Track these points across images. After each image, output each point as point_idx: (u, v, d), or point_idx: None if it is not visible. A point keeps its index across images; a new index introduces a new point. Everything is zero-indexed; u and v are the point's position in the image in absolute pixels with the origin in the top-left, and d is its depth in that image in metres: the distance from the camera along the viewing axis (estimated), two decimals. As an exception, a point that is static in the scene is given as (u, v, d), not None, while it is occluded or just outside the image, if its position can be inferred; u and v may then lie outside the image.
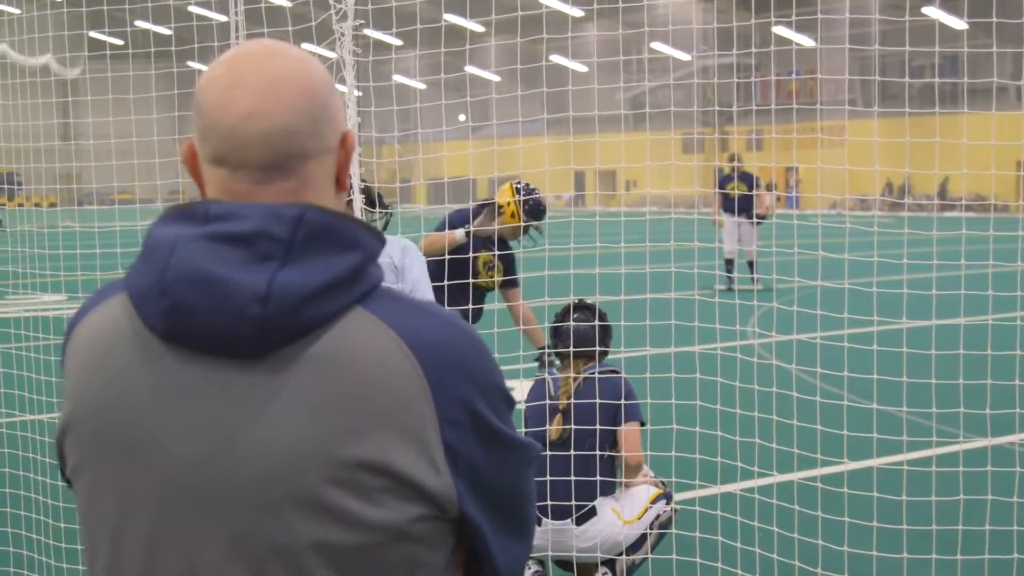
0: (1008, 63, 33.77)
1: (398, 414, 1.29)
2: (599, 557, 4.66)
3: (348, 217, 1.35)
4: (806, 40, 28.35)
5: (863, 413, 4.49)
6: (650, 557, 4.70)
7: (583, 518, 4.60)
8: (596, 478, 4.54)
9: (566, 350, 4.76)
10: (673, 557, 4.48)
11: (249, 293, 1.26)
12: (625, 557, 4.65)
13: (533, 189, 6.67)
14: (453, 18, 6.49)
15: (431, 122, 4.99)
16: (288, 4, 5.18)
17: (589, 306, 4.91)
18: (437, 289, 4.84)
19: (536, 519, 1.56)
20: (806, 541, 4.18)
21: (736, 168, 16.59)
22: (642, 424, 4.70)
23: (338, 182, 1.42)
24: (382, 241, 1.39)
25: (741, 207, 16.00)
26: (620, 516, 4.65)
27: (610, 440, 4.66)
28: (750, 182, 16.12)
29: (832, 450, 4.15)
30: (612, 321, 4.87)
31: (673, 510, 4.76)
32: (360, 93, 4.35)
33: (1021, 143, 12.29)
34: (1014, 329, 4.46)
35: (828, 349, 4.28)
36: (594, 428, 4.52)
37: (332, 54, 4.01)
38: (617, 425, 4.63)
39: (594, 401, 4.52)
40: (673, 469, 4.51)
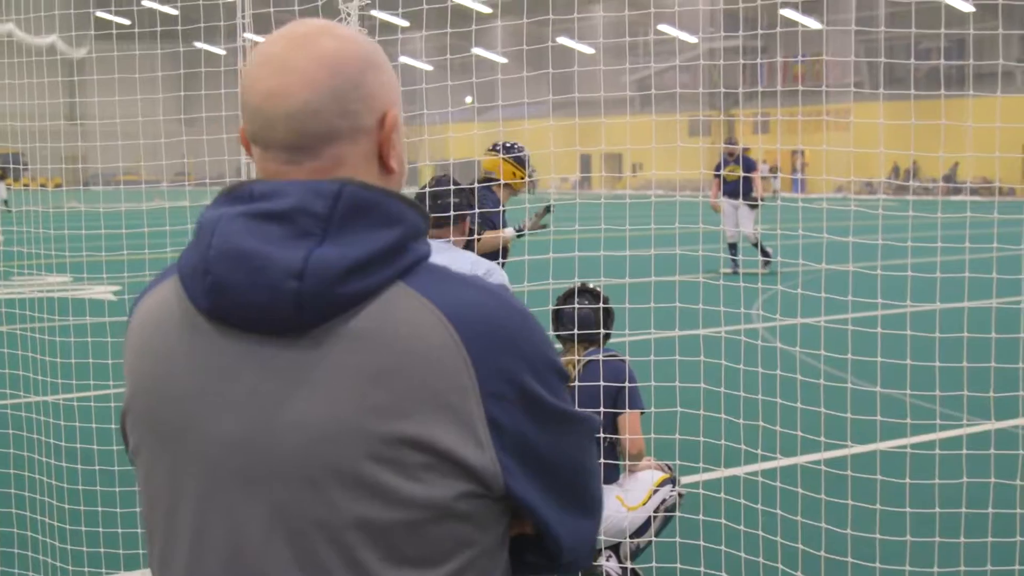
0: (1015, 46, 33.62)
1: (439, 388, 1.27)
2: (603, 542, 4.67)
3: (391, 193, 1.34)
4: (813, 22, 28.25)
5: (867, 396, 4.49)
6: (654, 540, 4.71)
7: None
8: (599, 462, 4.54)
9: (568, 333, 4.76)
10: (677, 540, 4.50)
11: (284, 268, 1.26)
12: (629, 541, 4.66)
13: (511, 145, 6.87)
14: (459, -1, 6.47)
15: (437, 103, 4.97)
16: (294, -15, 5.16)
17: (592, 291, 4.89)
18: None
19: (602, 495, 1.54)
20: (810, 524, 4.19)
21: (731, 150, 16.56)
22: (642, 411, 4.70)
23: (382, 163, 1.40)
24: (426, 218, 1.37)
25: (735, 190, 15.97)
26: (624, 503, 4.65)
27: (611, 425, 4.66)
28: (746, 165, 16.08)
29: (836, 433, 4.15)
30: (616, 304, 4.87)
31: (678, 494, 4.77)
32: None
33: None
34: (1019, 312, 4.45)
35: (832, 332, 4.28)
36: (596, 412, 4.51)
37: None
38: (618, 409, 4.63)
39: (596, 384, 4.52)
40: (677, 452, 4.52)
